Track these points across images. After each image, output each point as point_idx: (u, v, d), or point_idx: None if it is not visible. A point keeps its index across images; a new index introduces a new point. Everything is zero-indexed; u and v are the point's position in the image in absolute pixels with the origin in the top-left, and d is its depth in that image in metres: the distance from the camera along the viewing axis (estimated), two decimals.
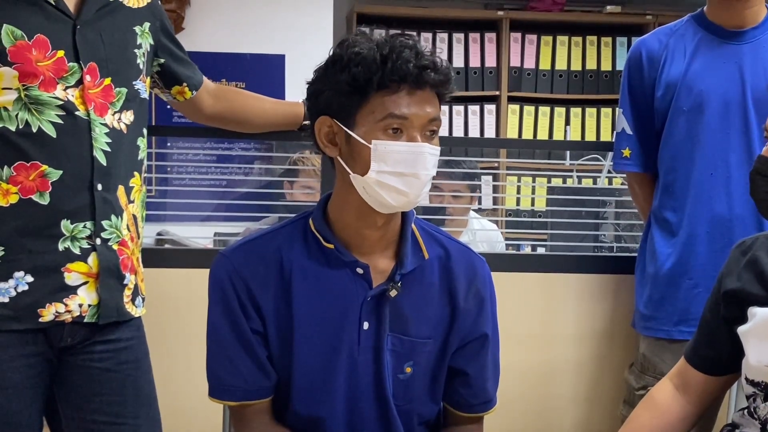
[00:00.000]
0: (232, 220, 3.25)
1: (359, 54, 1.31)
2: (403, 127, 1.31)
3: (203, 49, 3.98)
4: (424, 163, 1.32)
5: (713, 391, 1.55)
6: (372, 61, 1.30)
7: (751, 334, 1.41)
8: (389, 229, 1.40)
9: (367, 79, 1.30)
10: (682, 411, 1.53)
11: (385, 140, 1.31)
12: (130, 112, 1.62)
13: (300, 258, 1.40)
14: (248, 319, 1.39)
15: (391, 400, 1.42)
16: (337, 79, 1.32)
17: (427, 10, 4.56)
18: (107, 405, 1.60)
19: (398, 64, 1.30)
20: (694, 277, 1.97)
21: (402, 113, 1.31)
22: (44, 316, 1.52)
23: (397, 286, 1.39)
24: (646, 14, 4.57)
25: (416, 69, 1.30)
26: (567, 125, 4.61)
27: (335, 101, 1.33)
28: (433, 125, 1.34)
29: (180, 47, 1.80)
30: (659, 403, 1.55)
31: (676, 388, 1.56)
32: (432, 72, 1.32)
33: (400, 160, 1.31)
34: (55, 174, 1.51)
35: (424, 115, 1.32)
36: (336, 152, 1.37)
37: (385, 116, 1.31)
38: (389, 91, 1.31)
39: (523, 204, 4.29)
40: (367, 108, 1.32)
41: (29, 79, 1.50)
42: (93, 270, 1.55)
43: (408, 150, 1.32)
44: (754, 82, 1.94)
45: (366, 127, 1.32)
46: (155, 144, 4.05)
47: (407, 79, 1.30)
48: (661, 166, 2.06)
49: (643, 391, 2.00)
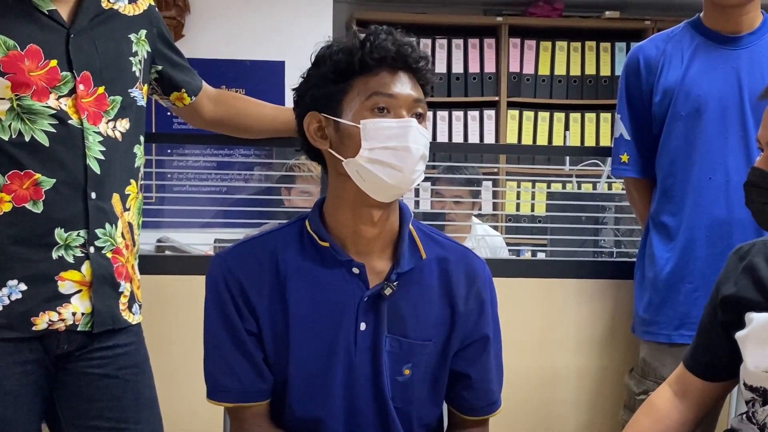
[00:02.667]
0: (232, 227, 3.25)
1: (339, 45, 1.37)
2: (390, 106, 1.34)
3: (203, 56, 3.99)
4: (415, 136, 1.34)
5: (712, 397, 1.55)
6: (351, 47, 1.35)
7: (748, 339, 1.41)
8: (386, 227, 1.40)
9: (348, 63, 1.35)
10: (682, 416, 1.54)
11: (373, 118, 1.34)
12: (126, 120, 1.62)
13: (295, 258, 1.40)
14: (243, 319, 1.39)
15: (389, 401, 1.41)
16: (320, 73, 1.38)
17: (427, 16, 4.57)
18: (108, 410, 1.60)
19: (376, 44, 1.34)
20: (694, 281, 1.98)
21: (386, 91, 1.34)
22: (37, 325, 1.52)
23: (392, 284, 1.39)
24: (644, 20, 4.58)
25: (394, 47, 1.35)
26: (566, 130, 4.61)
27: (320, 94, 1.38)
28: (418, 107, 1.37)
29: (178, 53, 1.80)
30: (659, 409, 1.55)
31: (675, 393, 1.56)
32: (410, 50, 1.36)
33: (390, 135, 1.34)
34: (49, 182, 1.52)
35: (408, 95, 1.35)
36: (326, 144, 1.39)
37: (369, 95, 1.34)
38: (371, 74, 1.35)
39: (523, 209, 4.29)
40: (352, 93, 1.35)
41: (21, 89, 1.50)
42: (86, 278, 1.55)
43: (397, 125, 1.34)
44: (752, 87, 1.95)
45: (353, 111, 1.35)
46: (155, 151, 4.06)
47: (387, 59, 1.35)
48: (660, 171, 2.06)
49: (643, 396, 2.00)
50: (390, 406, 1.42)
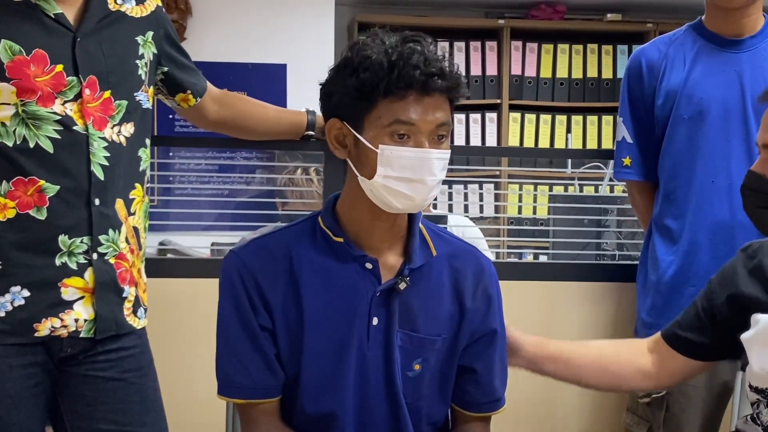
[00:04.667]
0: (234, 230, 3.25)
1: (368, 59, 1.31)
2: (410, 132, 1.32)
3: (205, 59, 3.99)
4: (431, 168, 1.33)
5: (677, 371, 1.56)
6: (379, 67, 1.30)
7: (754, 341, 1.41)
8: (397, 223, 1.42)
9: (374, 86, 1.31)
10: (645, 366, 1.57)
11: (392, 145, 1.32)
12: (131, 124, 1.61)
13: (309, 253, 1.41)
14: (257, 314, 1.40)
15: (401, 397, 1.42)
16: (346, 83, 1.33)
17: (429, 18, 4.57)
18: (112, 413, 1.59)
19: (405, 71, 1.30)
20: (697, 285, 1.96)
21: (408, 119, 1.31)
22: (40, 331, 1.51)
23: (405, 279, 1.39)
24: (646, 22, 4.59)
25: (423, 76, 1.30)
26: (568, 133, 4.61)
27: (344, 104, 1.35)
28: (441, 130, 1.35)
29: (184, 54, 1.80)
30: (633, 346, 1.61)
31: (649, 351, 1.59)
32: (439, 79, 1.32)
33: (407, 165, 1.32)
34: (53, 189, 1.51)
35: (432, 121, 1.33)
36: (345, 154, 1.39)
37: (391, 122, 1.32)
38: (396, 98, 1.31)
39: (525, 212, 4.29)
40: (375, 113, 1.32)
41: (27, 94, 1.49)
42: (89, 285, 1.55)
43: (415, 156, 1.32)
44: (754, 90, 1.94)
45: (373, 132, 1.33)
46: (157, 154, 4.06)
47: (414, 86, 1.31)
48: (662, 174, 2.06)
49: (646, 399, 2.00)
50: (402, 401, 1.42)
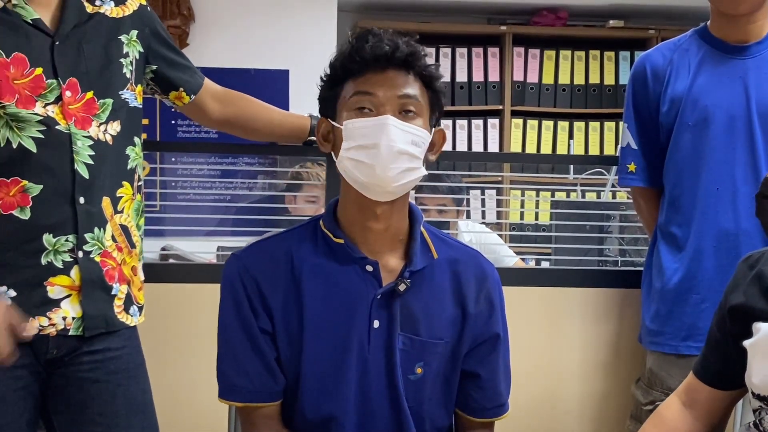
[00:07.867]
0: (236, 235, 3.25)
1: (338, 53, 1.40)
2: (373, 105, 1.36)
3: (208, 65, 3.98)
4: (387, 133, 1.33)
5: (721, 407, 1.54)
6: (341, 54, 1.40)
7: (756, 349, 1.41)
8: (392, 223, 1.41)
9: (336, 71, 1.39)
10: (690, 427, 1.52)
11: (353, 118, 1.36)
12: (117, 123, 1.61)
13: (310, 256, 1.42)
14: (258, 318, 1.40)
15: (404, 400, 1.41)
16: (321, 80, 1.43)
17: (431, 24, 4.57)
18: (99, 416, 1.59)
19: (358, 50, 1.37)
20: (702, 292, 1.97)
21: (366, 89, 1.36)
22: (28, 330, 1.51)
23: (406, 281, 1.39)
24: (648, 29, 4.59)
25: (375, 50, 1.36)
26: (570, 139, 4.61)
27: (323, 100, 1.43)
28: (407, 105, 1.36)
29: (177, 52, 1.79)
30: (667, 420, 1.54)
31: (684, 404, 1.55)
32: (392, 51, 1.36)
33: (365, 133, 1.35)
34: (36, 189, 1.52)
35: (392, 92, 1.36)
36: (329, 148, 1.42)
37: (351, 95, 1.37)
38: (357, 76, 1.37)
39: (527, 218, 4.29)
40: (342, 97, 1.39)
41: (6, 97, 1.50)
42: (75, 283, 1.55)
43: (372, 123, 1.35)
44: (759, 97, 1.94)
45: (343, 114, 1.38)
46: (159, 159, 4.06)
47: (369, 63, 1.36)
48: (667, 180, 2.06)
49: (650, 406, 1.99)
50: (404, 404, 1.42)
